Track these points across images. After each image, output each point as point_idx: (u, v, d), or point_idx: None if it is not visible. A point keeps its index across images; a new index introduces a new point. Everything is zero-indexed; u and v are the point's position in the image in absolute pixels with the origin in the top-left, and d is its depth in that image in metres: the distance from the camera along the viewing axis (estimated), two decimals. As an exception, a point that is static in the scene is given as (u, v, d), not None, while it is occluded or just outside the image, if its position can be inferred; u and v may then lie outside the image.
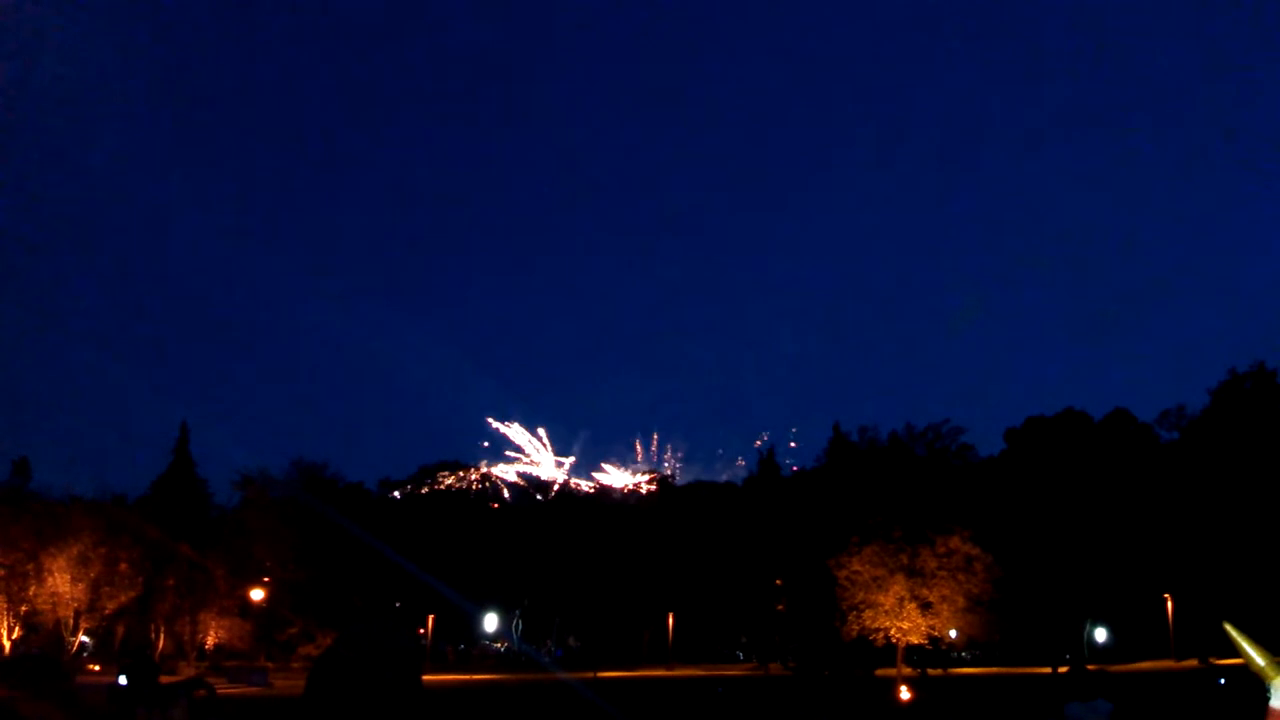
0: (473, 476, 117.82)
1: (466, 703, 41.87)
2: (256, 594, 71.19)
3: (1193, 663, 65.60)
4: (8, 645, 61.95)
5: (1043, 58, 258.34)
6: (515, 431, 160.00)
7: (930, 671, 57.30)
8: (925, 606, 53.48)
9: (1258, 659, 2.29)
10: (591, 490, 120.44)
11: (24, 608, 63.17)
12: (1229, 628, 2.39)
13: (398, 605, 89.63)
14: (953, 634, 57.73)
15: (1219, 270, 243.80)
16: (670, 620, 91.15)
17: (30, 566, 62.66)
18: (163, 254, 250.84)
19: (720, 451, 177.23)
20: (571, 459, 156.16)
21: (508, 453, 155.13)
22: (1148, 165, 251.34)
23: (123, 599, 67.08)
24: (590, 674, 67.93)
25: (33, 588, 62.80)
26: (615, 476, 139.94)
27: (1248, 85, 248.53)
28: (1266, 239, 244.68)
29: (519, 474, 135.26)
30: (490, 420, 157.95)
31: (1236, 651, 2.41)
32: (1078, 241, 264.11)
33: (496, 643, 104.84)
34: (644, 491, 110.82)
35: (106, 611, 66.80)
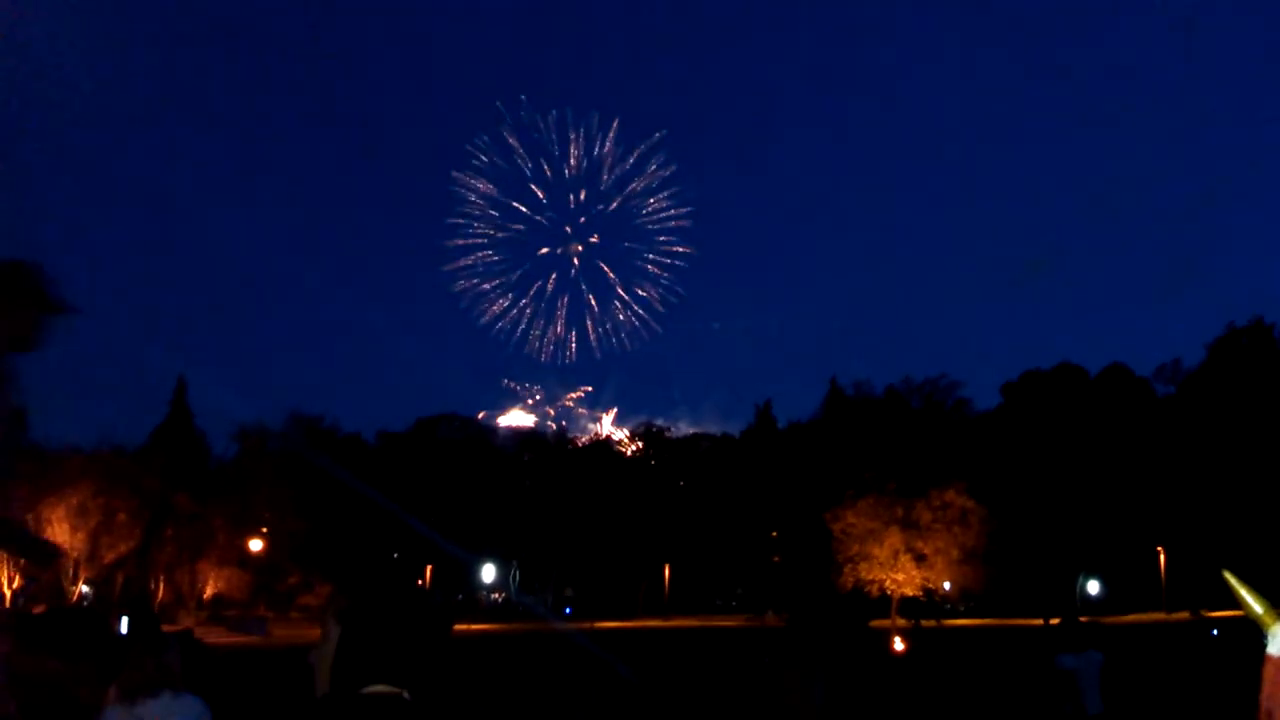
0: (472, 428, 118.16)
1: (488, 651, 42.20)
2: (255, 545, 71.65)
3: (1184, 615, 66.25)
4: (8, 595, 62.39)
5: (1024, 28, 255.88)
6: (514, 386, 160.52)
7: (924, 623, 57.82)
8: (920, 559, 53.95)
9: (1256, 606, 2.29)
10: (590, 441, 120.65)
11: (22, 559, 63.50)
12: (1228, 576, 2.38)
13: (395, 555, 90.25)
14: (947, 586, 58.27)
15: (1217, 224, 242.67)
16: (666, 572, 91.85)
17: (29, 517, 62.91)
18: (159, 204, 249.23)
19: (713, 403, 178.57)
20: (580, 416, 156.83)
21: (507, 406, 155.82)
22: (1143, 126, 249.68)
23: (122, 549, 67.45)
24: (589, 624, 68.61)
25: (32, 538, 63.09)
26: (613, 428, 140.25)
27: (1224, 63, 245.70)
28: (1264, 195, 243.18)
29: (517, 427, 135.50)
30: (504, 380, 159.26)
31: (1228, 603, 2.42)
32: (1076, 196, 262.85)
33: (494, 593, 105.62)
34: (641, 443, 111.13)
35: (105, 562, 67.18)
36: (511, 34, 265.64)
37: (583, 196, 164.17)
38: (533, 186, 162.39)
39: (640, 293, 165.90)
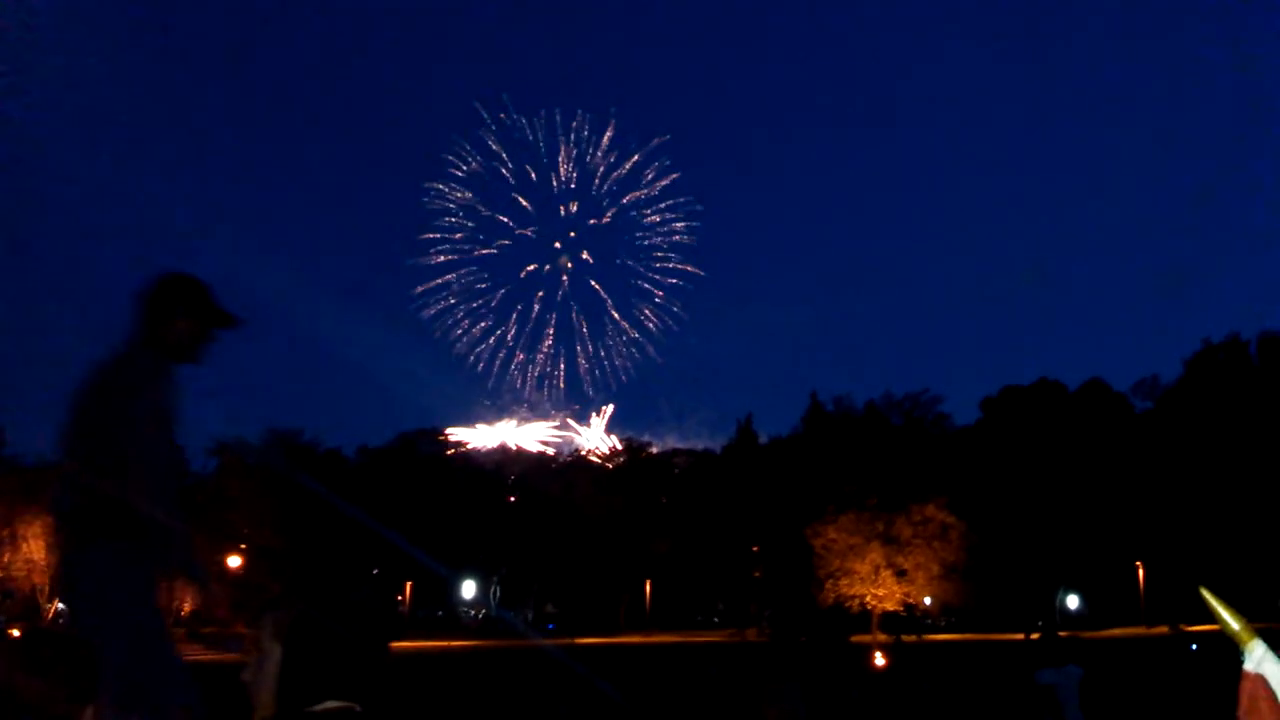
0: (452, 444, 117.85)
1: (467, 667, 41.96)
2: (233, 561, 71.04)
3: (1163, 629, 66.50)
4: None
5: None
6: (496, 404, 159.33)
7: (904, 638, 57.86)
8: (900, 574, 54.12)
9: (1232, 623, 2.30)
10: (572, 457, 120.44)
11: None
12: (1204, 592, 2.40)
13: (375, 572, 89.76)
14: (927, 601, 58.37)
15: (1197, 241, 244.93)
16: (648, 587, 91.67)
17: (5, 533, 62.28)
18: (133, 217, 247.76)
19: (697, 418, 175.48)
20: (553, 425, 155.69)
21: (490, 421, 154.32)
22: (1124, 143, 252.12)
23: (99, 566, 66.75)
24: (570, 640, 68.27)
25: (7, 555, 62.43)
26: (593, 442, 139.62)
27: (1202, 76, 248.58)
28: (1245, 212, 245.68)
29: (500, 443, 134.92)
30: (486, 401, 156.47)
31: (1207, 618, 2.43)
32: (1056, 212, 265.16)
33: (475, 609, 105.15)
34: (622, 458, 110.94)
35: (82, 578, 66.46)
36: (492, 29, 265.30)
37: (574, 208, 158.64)
38: (518, 197, 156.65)
39: (636, 314, 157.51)
